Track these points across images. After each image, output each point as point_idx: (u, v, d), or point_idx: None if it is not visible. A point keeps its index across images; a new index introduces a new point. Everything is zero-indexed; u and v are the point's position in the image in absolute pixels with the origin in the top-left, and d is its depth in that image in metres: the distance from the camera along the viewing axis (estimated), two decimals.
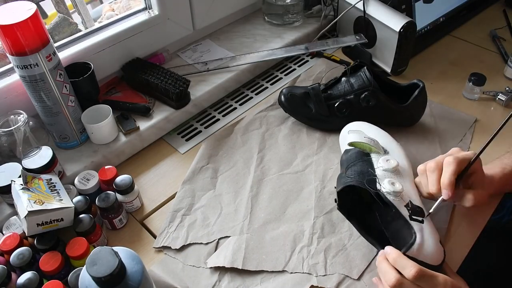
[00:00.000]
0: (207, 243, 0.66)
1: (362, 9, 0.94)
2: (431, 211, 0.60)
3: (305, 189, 0.73)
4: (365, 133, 0.70)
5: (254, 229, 0.67)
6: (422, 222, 0.57)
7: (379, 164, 0.63)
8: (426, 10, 1.01)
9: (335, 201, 0.63)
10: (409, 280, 0.52)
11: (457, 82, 0.94)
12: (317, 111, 0.81)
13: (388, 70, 0.96)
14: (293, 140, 0.82)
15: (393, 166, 0.62)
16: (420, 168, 0.63)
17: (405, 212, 0.58)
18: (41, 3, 0.89)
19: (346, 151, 0.70)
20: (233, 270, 0.62)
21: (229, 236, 0.66)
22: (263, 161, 0.78)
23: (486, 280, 0.95)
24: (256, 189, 0.73)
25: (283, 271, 0.62)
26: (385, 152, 0.66)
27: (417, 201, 0.61)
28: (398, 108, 0.79)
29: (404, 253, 0.55)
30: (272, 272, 0.62)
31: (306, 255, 0.63)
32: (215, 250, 0.65)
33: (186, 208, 0.71)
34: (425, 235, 0.56)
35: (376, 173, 0.62)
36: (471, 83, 0.88)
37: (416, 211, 0.58)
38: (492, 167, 0.67)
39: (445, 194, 0.58)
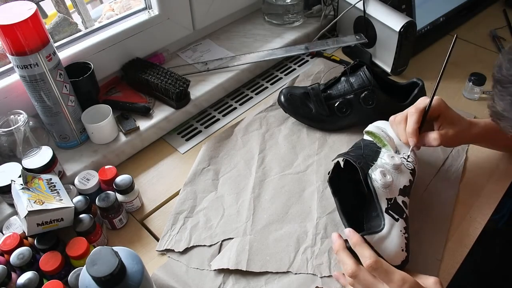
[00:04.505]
0: (210, 245, 0.65)
1: (362, 9, 0.94)
2: (409, 153, 0.65)
3: (307, 190, 0.72)
4: (387, 132, 0.71)
5: (257, 230, 0.67)
6: (396, 220, 0.58)
7: (383, 157, 0.64)
8: (426, 10, 1.01)
9: (328, 173, 0.66)
10: (365, 269, 0.53)
11: (457, 82, 0.94)
12: (317, 111, 0.81)
13: (388, 70, 0.96)
14: (294, 140, 0.82)
15: (395, 164, 0.62)
16: (391, 119, 0.68)
17: (384, 204, 0.59)
18: (41, 3, 0.89)
19: (362, 139, 0.71)
20: (238, 272, 0.62)
21: (232, 238, 0.66)
22: (264, 162, 0.78)
23: (486, 280, 0.95)
24: (258, 190, 0.73)
25: (287, 272, 0.62)
26: (397, 152, 0.67)
27: (405, 202, 0.61)
28: (398, 107, 0.79)
29: (364, 236, 0.55)
30: (277, 273, 0.62)
31: (310, 256, 0.63)
32: (219, 252, 0.65)
33: (188, 211, 0.70)
34: (392, 232, 0.57)
35: (376, 163, 0.63)
36: (471, 83, 0.89)
37: (395, 208, 0.59)
38: (476, 119, 0.70)
39: (411, 142, 0.62)
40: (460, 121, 0.66)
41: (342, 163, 0.67)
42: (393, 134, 0.71)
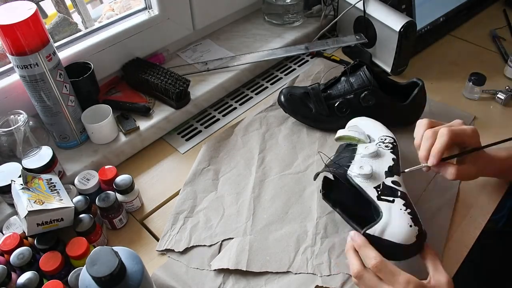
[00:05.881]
0: (210, 245, 0.65)
1: (362, 9, 0.94)
2: (406, 170, 0.62)
3: (307, 190, 0.72)
4: (358, 126, 0.72)
5: (257, 230, 0.67)
6: (392, 202, 0.57)
7: (359, 151, 0.64)
8: (426, 10, 1.01)
9: (320, 191, 0.65)
10: (370, 270, 0.53)
11: (457, 82, 0.94)
12: (317, 111, 0.81)
13: (388, 70, 0.96)
14: (294, 140, 0.82)
15: (370, 152, 0.63)
16: (420, 122, 0.63)
17: (373, 193, 0.58)
18: (41, 3, 0.89)
19: (340, 145, 0.72)
20: (238, 272, 0.62)
21: (232, 238, 0.66)
22: (264, 161, 0.78)
23: (486, 280, 0.95)
24: (258, 190, 0.73)
25: (287, 272, 0.62)
26: (370, 140, 0.68)
27: (395, 181, 0.60)
28: (398, 107, 0.79)
29: (366, 232, 0.55)
30: (277, 273, 0.61)
31: (310, 256, 0.63)
32: (219, 252, 0.65)
33: (188, 210, 0.70)
34: (392, 214, 0.56)
35: (354, 160, 0.63)
36: (471, 83, 0.89)
37: (387, 191, 0.58)
38: (498, 150, 0.66)
39: (430, 161, 0.59)
40: (483, 157, 0.63)
41: (331, 176, 0.67)
42: (363, 125, 0.71)
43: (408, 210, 0.56)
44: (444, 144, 0.58)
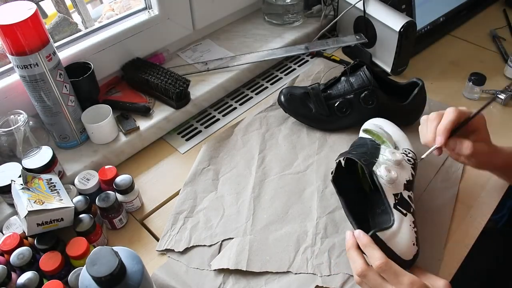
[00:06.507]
0: (210, 245, 0.65)
1: (362, 9, 0.94)
2: (423, 156, 0.61)
3: (307, 190, 0.72)
4: (384, 128, 0.71)
5: (257, 230, 0.67)
6: (405, 215, 0.58)
7: (385, 153, 0.64)
8: (426, 10, 1.01)
9: (331, 173, 0.65)
10: (374, 270, 0.52)
11: (457, 82, 0.94)
12: (317, 111, 0.81)
13: (388, 70, 0.96)
14: (294, 140, 0.82)
15: (396, 159, 0.62)
16: (423, 117, 0.63)
17: (391, 200, 0.59)
18: (41, 3, 0.89)
19: (360, 138, 0.71)
20: (238, 272, 0.62)
21: (232, 238, 0.66)
22: (264, 161, 0.78)
23: (486, 280, 0.95)
24: (258, 190, 0.73)
25: (287, 272, 0.62)
26: (396, 148, 0.67)
27: (410, 197, 0.61)
28: (398, 107, 0.79)
29: (376, 233, 0.55)
30: (277, 273, 0.61)
31: (310, 256, 0.63)
32: (219, 252, 0.65)
33: (188, 210, 0.70)
34: (402, 227, 0.57)
35: (378, 159, 0.63)
36: (471, 83, 0.89)
37: (403, 203, 0.59)
38: (504, 145, 0.66)
39: (438, 141, 0.57)
40: (491, 142, 0.62)
41: (343, 163, 0.67)
42: (391, 130, 0.71)
43: (415, 229, 0.58)
44: (452, 121, 0.56)
